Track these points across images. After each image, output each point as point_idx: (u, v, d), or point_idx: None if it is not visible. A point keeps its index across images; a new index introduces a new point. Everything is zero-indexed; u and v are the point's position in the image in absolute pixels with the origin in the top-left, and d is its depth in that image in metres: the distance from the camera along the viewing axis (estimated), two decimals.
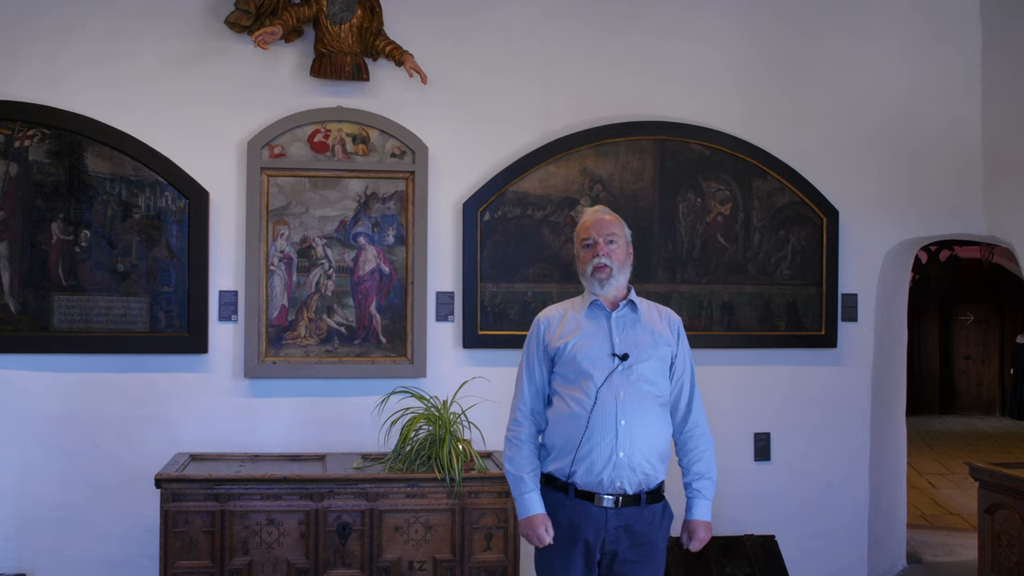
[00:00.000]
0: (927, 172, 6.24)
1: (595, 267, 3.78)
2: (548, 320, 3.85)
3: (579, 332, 3.76)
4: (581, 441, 3.65)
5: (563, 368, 3.75)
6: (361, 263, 5.62)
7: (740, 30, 6.10)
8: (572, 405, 3.69)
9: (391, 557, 4.88)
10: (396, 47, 5.59)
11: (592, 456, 3.65)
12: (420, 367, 5.62)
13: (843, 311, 6.11)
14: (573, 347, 3.73)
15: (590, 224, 3.86)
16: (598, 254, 3.79)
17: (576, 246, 3.89)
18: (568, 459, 3.68)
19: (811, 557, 6.05)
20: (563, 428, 3.71)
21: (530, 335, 3.86)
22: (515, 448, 3.77)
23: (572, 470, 3.68)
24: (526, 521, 3.72)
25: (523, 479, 3.72)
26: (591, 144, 5.82)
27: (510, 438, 3.78)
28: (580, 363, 3.71)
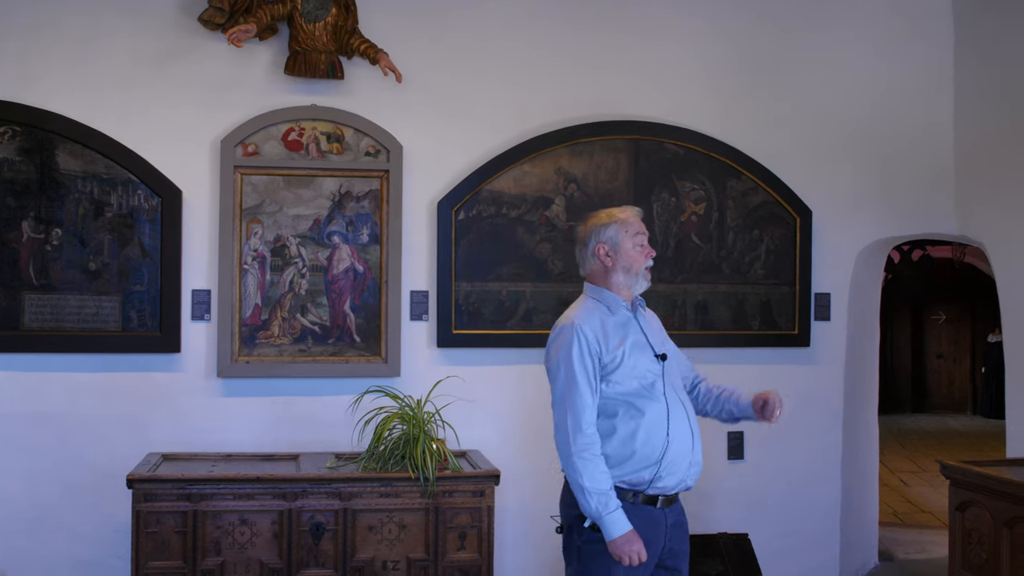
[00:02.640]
0: (900, 172, 6.28)
1: (648, 267, 3.76)
2: (592, 330, 3.62)
3: (626, 338, 3.65)
4: (667, 447, 3.61)
5: (622, 377, 3.61)
6: (335, 262, 5.60)
7: (714, 30, 6.12)
8: (647, 412, 3.60)
9: (365, 557, 4.87)
10: (371, 45, 5.57)
11: (676, 460, 3.63)
12: (394, 366, 5.60)
13: (816, 310, 6.14)
14: (628, 355, 3.63)
15: (636, 220, 3.77)
16: (651, 253, 3.76)
17: (619, 241, 3.71)
18: (652, 467, 3.59)
19: (784, 555, 6.08)
20: (641, 436, 3.59)
21: (573, 346, 3.58)
22: (593, 463, 3.54)
23: (657, 476, 3.61)
24: (625, 538, 3.50)
25: (610, 495, 3.52)
26: (566, 144, 5.82)
27: (583, 454, 3.53)
28: (639, 369, 3.63)
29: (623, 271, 3.72)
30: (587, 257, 3.79)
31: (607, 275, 3.73)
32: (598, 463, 3.54)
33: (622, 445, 3.59)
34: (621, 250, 3.71)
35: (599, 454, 3.55)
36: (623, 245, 3.71)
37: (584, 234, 3.80)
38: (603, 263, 3.73)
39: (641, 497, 3.61)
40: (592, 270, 3.79)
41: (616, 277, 3.72)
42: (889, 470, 11.34)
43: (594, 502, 3.51)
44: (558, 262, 5.78)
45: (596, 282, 3.77)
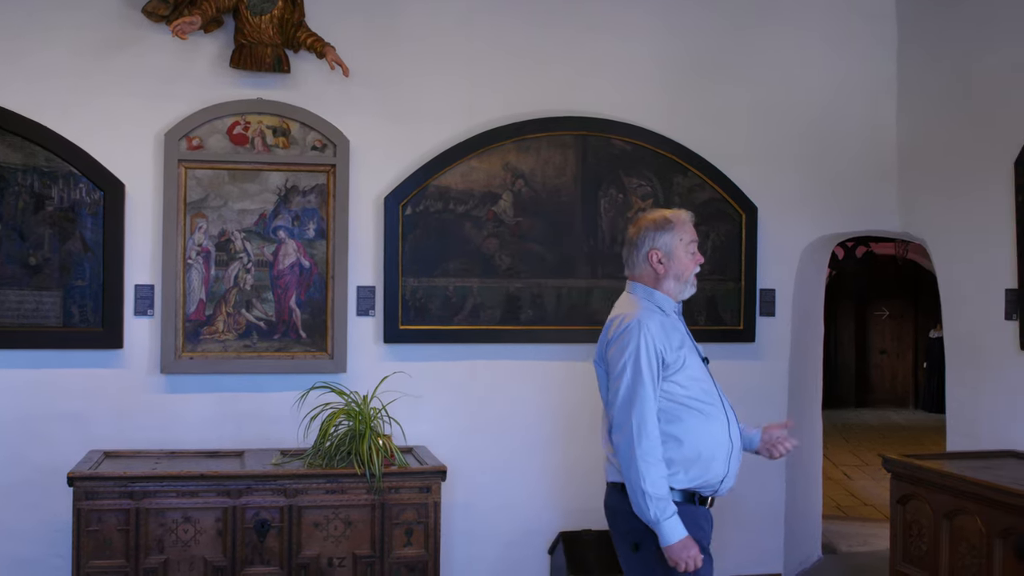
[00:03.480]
0: (844, 169, 6.35)
1: (696, 273, 3.69)
2: (656, 329, 3.51)
3: (684, 341, 3.60)
4: (732, 448, 3.59)
5: (684, 379, 3.54)
6: (281, 257, 5.56)
7: (663, 26, 6.14)
8: (710, 415, 3.56)
9: (310, 554, 4.84)
10: (318, 39, 5.53)
11: (735, 460, 3.61)
12: (340, 362, 5.58)
13: (761, 306, 6.20)
14: (688, 357, 3.57)
15: (691, 226, 3.69)
16: (700, 260, 3.71)
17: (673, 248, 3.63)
18: (720, 469, 3.56)
19: (729, 548, 6.10)
20: (708, 439, 3.54)
21: (639, 345, 3.47)
22: (656, 468, 3.43)
23: (723, 477, 3.57)
24: (683, 544, 3.40)
25: (669, 500, 3.42)
26: (513, 139, 5.82)
27: (647, 458, 3.42)
28: (697, 371, 3.59)
29: (674, 278, 3.64)
30: (638, 261, 3.68)
31: (657, 280, 3.65)
32: (660, 468, 3.44)
33: (691, 448, 3.51)
34: (674, 257, 3.63)
35: (660, 459, 3.45)
36: (676, 252, 3.63)
37: (636, 236, 3.69)
38: (655, 269, 3.64)
39: (697, 498, 3.55)
40: (642, 273, 3.69)
41: (667, 284, 3.65)
42: (833, 464, 11.47)
43: (653, 507, 3.40)
44: (505, 258, 5.78)
45: (645, 283, 3.68)
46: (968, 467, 4.81)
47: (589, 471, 5.97)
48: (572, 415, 5.95)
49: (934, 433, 14.47)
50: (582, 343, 5.90)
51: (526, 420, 5.91)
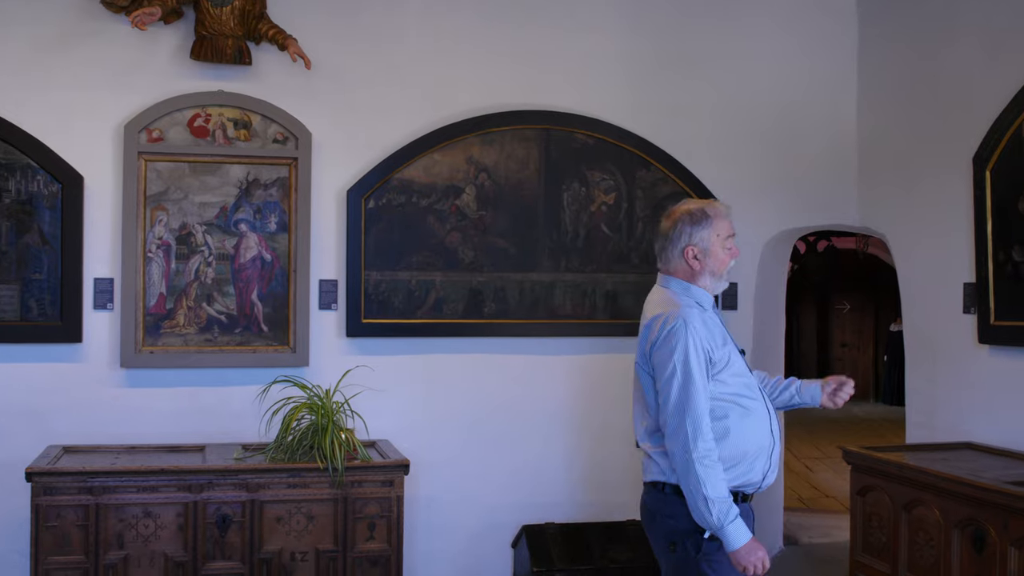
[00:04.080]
0: (805, 164, 6.39)
1: (731, 267, 3.57)
2: (700, 330, 3.37)
3: (725, 336, 3.48)
4: (774, 445, 3.48)
5: (728, 376, 3.41)
6: (242, 250, 5.53)
7: (627, 21, 6.15)
8: (754, 412, 3.45)
9: (272, 548, 4.82)
10: (279, 31, 5.50)
11: (776, 457, 3.51)
12: (303, 356, 5.55)
13: (724, 299, 6.22)
14: (733, 354, 3.46)
15: (728, 220, 3.54)
16: (736, 254, 3.57)
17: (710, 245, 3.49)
18: (763, 466, 3.46)
19: None
20: (753, 434, 3.43)
21: (687, 344, 3.32)
22: (715, 470, 3.27)
23: (766, 474, 3.48)
24: (749, 547, 3.28)
25: (731, 503, 3.28)
26: (477, 133, 5.81)
27: (704, 461, 3.25)
28: (739, 367, 3.47)
29: (709, 274, 3.51)
30: (672, 256, 3.53)
31: (693, 276, 3.51)
32: (718, 470, 3.28)
33: (735, 446, 3.39)
34: (711, 254, 3.49)
35: (718, 460, 3.29)
36: (713, 248, 3.49)
37: (672, 230, 3.54)
38: (690, 265, 3.50)
39: (740, 496, 3.44)
40: (676, 268, 3.54)
41: (703, 279, 3.51)
42: (795, 456, 11.56)
43: (716, 511, 3.24)
44: (468, 251, 5.77)
45: (679, 277, 3.54)
46: (926, 459, 4.86)
47: (552, 465, 6.00)
48: (535, 409, 5.96)
49: (894, 425, 14.62)
50: (545, 336, 5.92)
51: (489, 413, 5.91)
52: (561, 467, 6.03)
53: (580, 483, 6.04)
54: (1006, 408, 5.13)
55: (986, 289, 5.24)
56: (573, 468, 6.04)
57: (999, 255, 5.16)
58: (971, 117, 5.41)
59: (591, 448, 6.06)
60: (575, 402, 6.04)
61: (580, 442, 6.05)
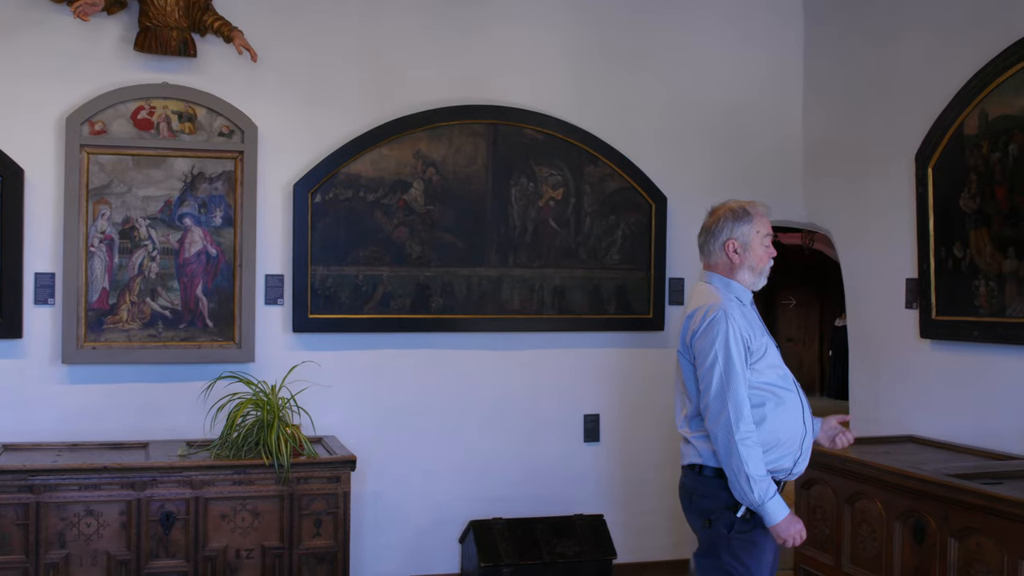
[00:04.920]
0: (752, 160, 6.44)
1: (769, 266, 3.72)
2: (739, 320, 3.55)
3: (762, 329, 3.65)
4: (806, 434, 3.64)
5: (764, 367, 3.58)
6: (187, 245, 5.46)
7: (576, 16, 6.16)
8: (788, 401, 3.61)
9: (217, 546, 4.78)
10: (225, 23, 5.44)
11: (808, 447, 3.66)
12: (248, 352, 5.50)
13: (670, 295, 6.26)
14: (770, 345, 3.64)
15: (767, 219, 3.73)
16: (774, 253, 3.73)
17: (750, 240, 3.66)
18: (794, 453, 3.61)
19: (639, 535, 6.20)
20: (787, 423, 3.59)
21: (727, 334, 3.50)
22: (756, 451, 3.46)
23: (796, 462, 3.63)
24: (788, 520, 3.47)
25: (770, 481, 3.47)
26: (424, 127, 5.79)
27: (746, 442, 3.44)
28: (775, 358, 3.63)
29: (749, 269, 3.67)
30: (714, 250, 3.71)
31: (732, 270, 3.68)
32: (759, 451, 3.47)
33: (771, 433, 3.55)
34: (750, 249, 3.67)
35: (758, 442, 3.48)
36: (753, 244, 3.67)
37: (714, 225, 3.73)
38: (730, 259, 3.67)
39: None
40: (717, 262, 3.71)
41: (742, 274, 3.68)
42: None
43: (757, 489, 3.43)
44: (416, 246, 5.75)
45: (720, 273, 3.71)
46: (869, 452, 4.92)
47: (500, 460, 6.00)
48: (483, 404, 5.96)
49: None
50: (493, 332, 5.92)
51: (436, 409, 5.90)
52: (509, 462, 6.03)
53: (528, 478, 6.04)
54: (947, 402, 5.20)
55: (928, 285, 5.31)
56: (521, 463, 6.04)
57: (941, 251, 5.24)
58: (914, 115, 5.48)
59: (539, 443, 6.07)
60: (523, 397, 6.04)
61: (528, 437, 6.05)
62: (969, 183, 5.07)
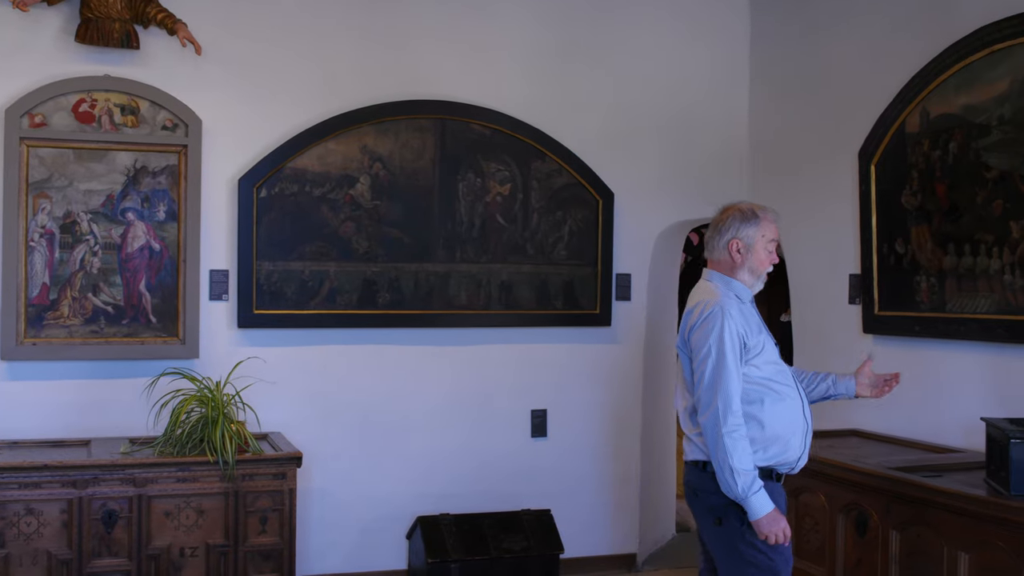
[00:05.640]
0: (698, 157, 6.48)
1: (768, 271, 3.79)
2: (736, 316, 3.62)
3: (761, 327, 3.72)
4: (807, 428, 3.71)
5: (762, 362, 3.65)
6: (130, 240, 5.39)
7: (523, 11, 6.16)
8: (787, 397, 3.67)
9: (160, 544, 4.72)
10: (168, 15, 5.37)
11: (808, 440, 3.72)
12: (192, 347, 5.44)
13: (617, 290, 6.28)
14: (767, 342, 3.70)
15: (775, 225, 3.79)
16: (775, 259, 3.79)
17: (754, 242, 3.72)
18: (797, 447, 3.67)
19: (586, 529, 6.22)
20: (786, 419, 3.65)
21: (723, 331, 3.57)
22: (742, 444, 3.51)
23: (799, 456, 3.68)
24: (771, 516, 3.50)
25: (755, 475, 3.51)
26: (371, 122, 5.76)
27: (733, 434, 3.49)
28: (773, 355, 3.70)
29: (749, 271, 3.75)
30: (719, 247, 3.77)
31: (733, 269, 3.75)
32: (746, 444, 3.52)
33: (769, 428, 3.61)
34: (753, 251, 3.74)
35: (745, 436, 3.53)
36: (756, 247, 3.74)
37: (721, 223, 3.79)
38: (732, 258, 3.74)
39: (774, 475, 3.66)
40: (720, 260, 3.78)
41: (742, 274, 3.75)
42: None
43: (741, 482, 3.48)
44: (363, 241, 5.72)
45: (721, 271, 3.78)
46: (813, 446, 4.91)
47: (447, 456, 6.00)
48: (430, 399, 5.95)
49: None
50: (440, 327, 5.91)
51: (383, 405, 5.87)
52: (456, 458, 6.03)
53: (475, 473, 6.04)
54: (890, 396, 5.22)
55: (871, 280, 5.38)
56: (468, 458, 6.04)
57: (883, 247, 5.31)
58: (858, 112, 5.54)
59: (486, 438, 6.07)
60: (471, 393, 6.03)
61: (476, 432, 6.05)
62: (911, 180, 5.14)
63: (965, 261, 4.82)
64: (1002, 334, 4.60)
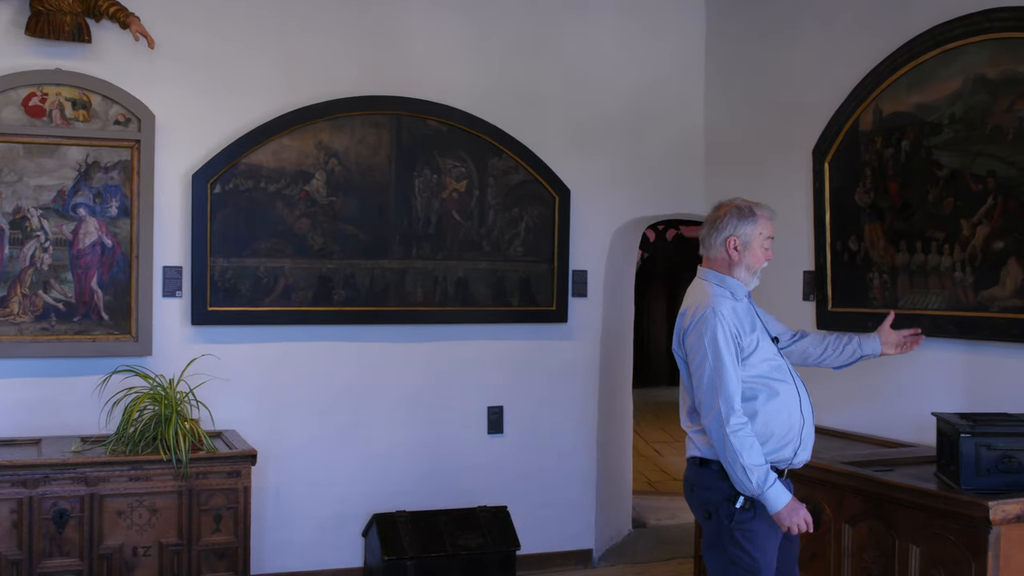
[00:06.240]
0: (654, 154, 6.51)
1: (764, 267, 3.83)
2: (730, 316, 3.67)
3: (756, 324, 3.75)
4: (804, 424, 3.72)
5: (757, 360, 3.68)
6: (81, 236, 5.33)
7: (481, 7, 6.15)
8: (782, 393, 3.69)
9: (113, 544, 4.68)
10: (121, 8, 5.31)
11: (808, 436, 3.73)
12: (145, 345, 5.39)
13: (573, 287, 6.29)
14: (762, 339, 3.73)
15: (771, 223, 3.84)
16: (771, 256, 3.83)
17: (751, 239, 3.76)
18: (792, 443, 3.69)
19: (542, 525, 6.23)
20: (781, 415, 3.67)
21: (716, 330, 3.61)
22: (750, 440, 3.55)
23: (796, 451, 3.70)
24: (791, 507, 3.56)
25: (768, 469, 3.56)
26: (327, 117, 5.73)
27: (739, 433, 3.54)
28: (768, 352, 3.73)
29: (745, 268, 3.78)
30: (715, 244, 3.80)
31: (730, 267, 3.78)
32: (753, 440, 3.56)
33: (764, 425, 3.64)
34: (750, 248, 3.77)
35: (751, 432, 3.57)
36: (753, 244, 3.77)
37: (718, 220, 3.81)
38: (729, 255, 3.77)
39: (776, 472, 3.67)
40: (716, 257, 3.81)
41: (739, 271, 3.78)
42: (644, 441, 11.78)
43: (755, 477, 3.52)
44: (318, 238, 5.69)
45: (717, 269, 3.81)
46: None
47: (403, 453, 5.98)
48: (386, 396, 5.93)
49: None
50: (396, 324, 5.89)
51: (339, 402, 5.85)
52: (413, 455, 6.01)
53: (432, 470, 6.03)
54: (843, 392, 5.31)
55: (824, 277, 5.42)
56: (425, 456, 6.03)
57: (836, 244, 5.35)
58: (812, 110, 5.58)
59: (443, 435, 6.06)
60: (427, 389, 6.02)
61: (432, 429, 6.04)
62: (864, 178, 5.19)
63: (917, 258, 4.87)
64: (952, 330, 4.66)
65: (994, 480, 3.74)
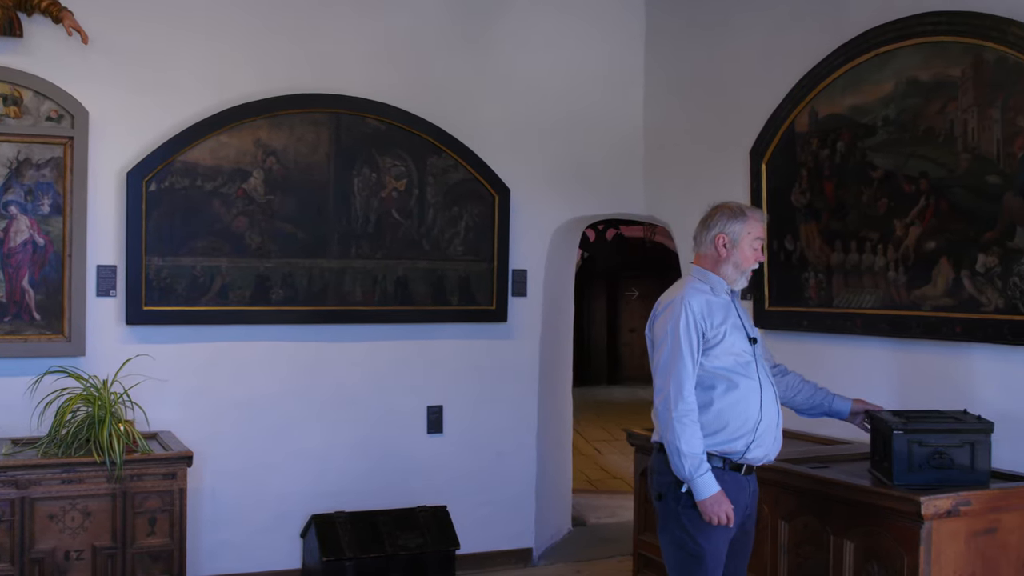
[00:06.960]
0: (594, 153, 6.53)
1: (754, 269, 3.90)
2: (699, 306, 3.76)
3: (728, 319, 3.80)
4: (760, 421, 3.75)
5: (721, 352, 3.75)
6: (12, 234, 5.23)
7: (420, 5, 6.12)
8: (742, 388, 3.75)
9: (45, 548, 4.59)
10: (54, 3, 5.23)
11: (765, 434, 3.77)
12: (79, 345, 5.30)
13: (513, 286, 6.30)
14: (729, 334, 3.77)
15: (762, 225, 3.90)
16: (761, 258, 3.90)
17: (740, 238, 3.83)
18: (745, 438, 3.74)
19: (482, 525, 6.23)
20: (737, 409, 3.73)
21: (680, 319, 3.72)
22: (691, 428, 3.66)
23: (749, 447, 3.74)
24: (715, 498, 3.64)
25: (703, 459, 3.65)
26: (265, 115, 5.68)
27: (683, 419, 3.65)
28: (736, 348, 3.77)
29: (733, 266, 3.85)
30: (705, 240, 3.90)
31: (718, 264, 3.86)
32: (695, 429, 3.66)
33: (718, 416, 3.73)
34: (738, 247, 3.85)
35: (696, 420, 3.68)
36: (741, 243, 3.85)
37: (710, 219, 3.91)
38: (718, 252, 3.86)
39: (729, 464, 3.74)
40: (706, 254, 3.90)
41: (725, 268, 3.86)
42: (585, 439, 11.83)
43: (687, 464, 3.63)
44: (256, 236, 5.64)
45: (704, 265, 3.89)
46: None
47: (342, 453, 5.95)
48: (325, 396, 5.89)
49: None
50: (335, 323, 5.86)
51: (277, 403, 5.80)
52: (351, 455, 5.98)
53: (371, 470, 6.00)
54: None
55: (761, 276, 5.48)
56: (364, 456, 6.00)
57: (773, 244, 5.41)
58: (749, 111, 5.64)
59: (381, 435, 6.03)
60: (366, 389, 5.99)
61: (371, 429, 6.01)
62: (800, 179, 5.25)
63: (851, 258, 4.94)
64: (885, 328, 4.74)
65: (926, 476, 3.81)
